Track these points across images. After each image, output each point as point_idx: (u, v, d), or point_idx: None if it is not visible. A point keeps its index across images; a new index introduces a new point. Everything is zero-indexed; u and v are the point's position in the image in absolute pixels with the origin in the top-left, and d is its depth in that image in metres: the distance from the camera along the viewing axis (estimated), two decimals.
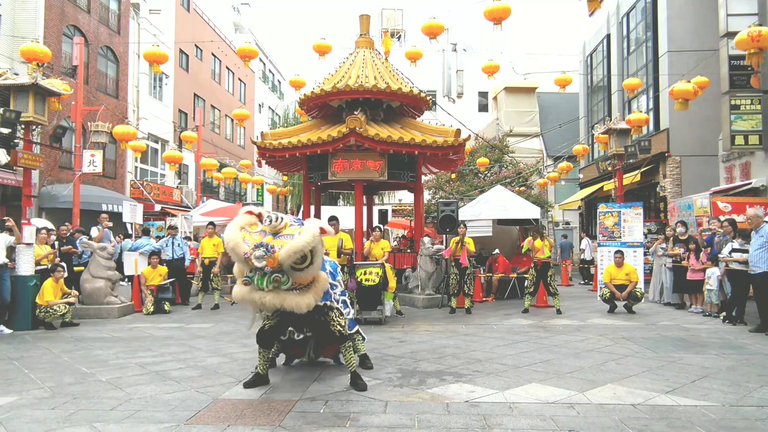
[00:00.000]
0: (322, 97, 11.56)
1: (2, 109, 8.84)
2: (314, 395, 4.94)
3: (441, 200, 12.21)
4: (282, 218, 4.65)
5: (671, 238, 11.07)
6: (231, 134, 33.65)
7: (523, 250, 11.07)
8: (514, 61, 30.72)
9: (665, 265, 11.21)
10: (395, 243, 17.57)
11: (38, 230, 9.58)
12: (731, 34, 12.87)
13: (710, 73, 13.38)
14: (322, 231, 4.64)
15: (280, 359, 6.05)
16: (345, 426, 4.15)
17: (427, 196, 22.27)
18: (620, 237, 11.98)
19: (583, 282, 16.84)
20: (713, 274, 9.36)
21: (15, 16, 16.67)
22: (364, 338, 6.02)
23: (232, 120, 28.22)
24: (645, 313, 10.10)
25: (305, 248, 4.41)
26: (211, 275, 11.32)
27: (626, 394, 4.88)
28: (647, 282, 11.98)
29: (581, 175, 23.97)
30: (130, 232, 15.35)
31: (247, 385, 5.24)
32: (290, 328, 5.15)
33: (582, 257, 17.67)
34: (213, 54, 30.69)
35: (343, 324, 5.15)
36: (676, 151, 16.47)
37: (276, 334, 5.20)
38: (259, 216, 4.75)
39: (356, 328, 5.69)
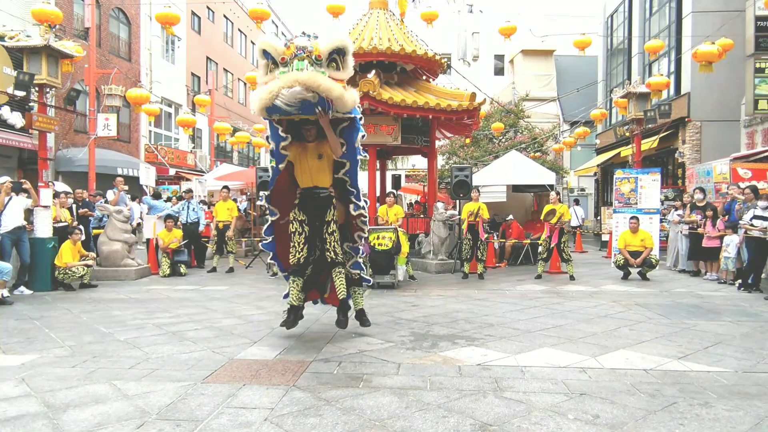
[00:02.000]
0: None
1: (16, 71, 8.85)
2: (328, 356, 5.01)
3: (455, 165, 12.08)
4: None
5: (688, 205, 10.92)
6: (244, 98, 33.42)
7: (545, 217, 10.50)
8: (532, 22, 29.94)
9: (681, 232, 11.09)
10: (409, 208, 17.55)
11: (57, 194, 9.68)
12: None
13: (735, 35, 12.92)
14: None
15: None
16: (358, 387, 4.21)
17: (441, 161, 22.13)
18: (636, 203, 11.84)
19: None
20: (732, 241, 9.24)
21: None
22: (364, 291, 6.06)
23: (245, 84, 27.97)
24: (659, 280, 10.05)
25: (344, 41, 4.62)
26: (226, 239, 11.42)
27: (638, 360, 4.89)
28: (663, 249, 11.87)
29: (598, 141, 23.58)
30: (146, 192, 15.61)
31: (285, 323, 5.37)
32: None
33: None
34: (225, 16, 30.26)
35: (338, 251, 5.28)
36: (696, 116, 16.08)
37: (307, 263, 5.35)
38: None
39: (360, 277, 5.79)
